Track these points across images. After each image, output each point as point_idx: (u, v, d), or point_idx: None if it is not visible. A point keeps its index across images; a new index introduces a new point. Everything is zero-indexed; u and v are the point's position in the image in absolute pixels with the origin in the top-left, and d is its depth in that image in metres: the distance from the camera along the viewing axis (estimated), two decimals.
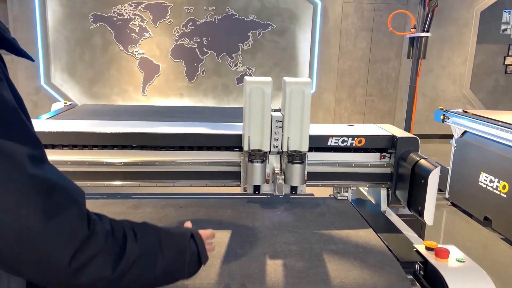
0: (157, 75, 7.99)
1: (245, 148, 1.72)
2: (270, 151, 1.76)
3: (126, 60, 7.88)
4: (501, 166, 4.01)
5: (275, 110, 1.85)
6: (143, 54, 7.88)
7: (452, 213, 4.67)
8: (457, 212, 4.67)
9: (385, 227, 1.72)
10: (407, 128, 3.99)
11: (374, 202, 2.00)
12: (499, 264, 3.57)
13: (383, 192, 1.92)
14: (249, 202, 1.88)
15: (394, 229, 1.70)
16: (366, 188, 2.13)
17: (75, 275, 0.73)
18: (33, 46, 7.58)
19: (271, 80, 1.69)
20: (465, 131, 4.60)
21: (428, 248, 1.47)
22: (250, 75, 8.20)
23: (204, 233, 1.09)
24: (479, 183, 4.28)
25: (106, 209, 1.73)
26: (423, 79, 8.36)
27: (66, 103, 4.52)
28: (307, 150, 1.74)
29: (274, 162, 1.79)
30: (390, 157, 1.87)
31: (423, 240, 1.90)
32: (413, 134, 1.90)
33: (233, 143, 1.81)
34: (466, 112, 4.70)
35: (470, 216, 4.51)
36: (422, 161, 1.67)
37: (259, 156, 1.67)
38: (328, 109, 8.48)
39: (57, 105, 4.48)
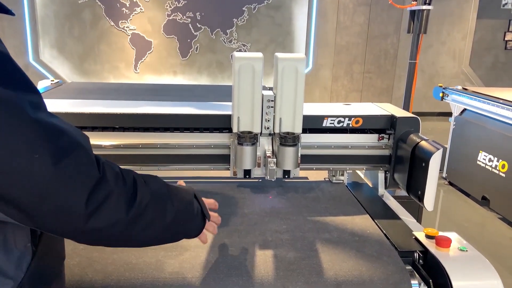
0: (149, 52, 7.78)
1: (234, 129, 1.60)
2: (261, 133, 1.64)
3: (117, 36, 7.65)
4: (500, 145, 3.92)
5: (269, 89, 1.73)
6: (135, 29, 7.65)
7: (450, 192, 4.61)
8: (455, 191, 4.61)
9: (382, 212, 1.63)
10: (406, 107, 3.88)
11: (371, 186, 1.91)
12: (496, 245, 3.52)
13: (381, 175, 1.82)
14: (239, 186, 1.78)
15: (392, 215, 1.61)
16: (363, 171, 2.03)
17: (91, 218, 0.72)
18: (20, 21, 7.33)
19: (262, 56, 1.56)
20: (464, 109, 4.49)
21: (429, 236, 1.38)
22: (245, 51, 8.00)
23: (205, 200, 1.10)
24: (478, 162, 4.20)
25: None
26: (422, 56, 8.18)
27: (53, 81, 4.37)
28: (300, 131, 1.62)
29: (265, 145, 1.69)
30: (388, 138, 1.76)
31: (422, 225, 1.81)
32: (411, 113, 1.79)
33: (222, 124, 1.69)
34: (466, 89, 4.58)
35: (468, 195, 4.45)
36: (423, 143, 1.56)
37: (249, 138, 1.56)
38: (324, 87, 8.33)
39: (44, 83, 4.33)
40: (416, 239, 1.40)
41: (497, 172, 3.94)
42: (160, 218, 0.86)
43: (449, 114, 4.74)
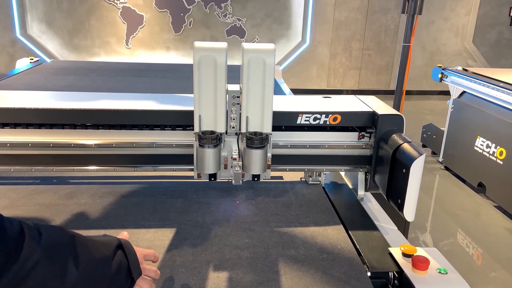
0: (141, 27, 7.51)
1: (196, 129, 1.44)
2: (226, 132, 1.48)
3: (107, 9, 7.36)
4: (499, 131, 3.74)
5: None
6: (125, 3, 7.35)
7: (445, 177, 4.47)
8: (450, 176, 4.47)
9: (359, 221, 1.48)
10: (399, 90, 3.68)
11: (351, 187, 1.75)
12: (490, 236, 3.40)
13: (361, 176, 1.66)
14: (205, 188, 1.63)
15: (369, 225, 1.46)
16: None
17: None
18: None
19: (226, 47, 1.38)
20: (464, 92, 4.29)
21: (405, 255, 1.24)
22: (240, 26, 7.72)
23: (141, 250, 0.93)
24: (475, 147, 4.04)
25: (34, 199, 1.48)
26: (424, 32, 7.88)
27: (32, 59, 4.17)
28: (270, 131, 1.46)
29: (232, 144, 1.52)
30: (370, 137, 1.60)
31: (405, 232, 1.67)
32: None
33: (186, 121, 1.52)
34: (466, 70, 4.36)
35: (464, 181, 4.31)
36: (405, 146, 1.39)
37: (211, 139, 1.40)
38: (322, 64, 8.08)
39: (22, 62, 4.14)
40: (392, 257, 1.26)
41: (494, 159, 3.78)
42: (56, 279, 0.70)
43: (450, 93, 4.53)
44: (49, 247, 0.70)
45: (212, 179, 1.53)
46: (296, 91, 3.80)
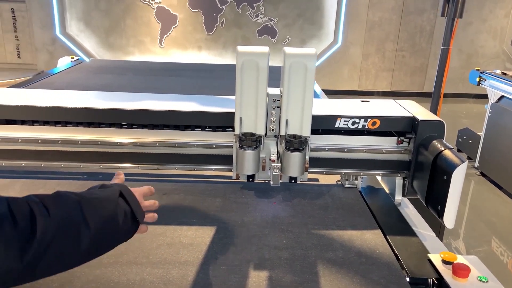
0: (174, 26, 7.65)
1: (236, 131, 1.47)
2: (266, 135, 1.51)
3: (142, 9, 7.54)
4: None
5: None
6: (160, 3, 7.51)
7: (481, 183, 4.36)
8: (486, 183, 4.35)
9: (396, 227, 1.48)
10: (437, 94, 3.60)
11: (388, 191, 1.75)
12: None
13: (399, 181, 1.65)
14: (243, 188, 1.66)
15: (407, 231, 1.46)
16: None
17: None
18: None
19: (268, 51, 1.41)
20: (502, 96, 4.17)
21: (445, 262, 1.23)
22: (271, 26, 7.74)
23: (138, 190, 1.00)
24: None
25: None
26: (461, 34, 7.67)
27: (73, 58, 4.33)
28: (308, 134, 1.48)
29: (271, 146, 1.55)
30: (409, 143, 1.59)
31: (439, 238, 1.66)
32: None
33: (226, 122, 1.56)
34: (505, 74, 4.23)
35: (500, 188, 4.18)
36: (447, 153, 1.38)
37: (251, 142, 1.43)
38: (354, 65, 8.00)
39: (64, 60, 4.30)
40: (431, 263, 1.25)
41: None
42: (72, 248, 0.76)
43: (487, 96, 4.41)
44: (61, 219, 0.75)
45: (250, 180, 1.56)
46: (326, 92, 3.79)
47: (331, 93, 7.64)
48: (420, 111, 1.61)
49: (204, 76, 3.67)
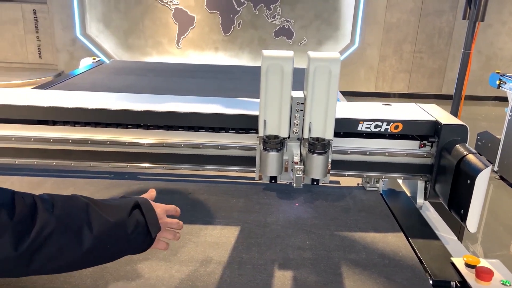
0: (191, 27, 7.72)
1: (260, 133, 1.50)
2: (289, 137, 1.53)
3: (160, 11, 7.63)
4: None
5: None
6: (178, 4, 7.59)
7: (500, 187, 4.31)
8: (505, 187, 4.30)
9: (419, 230, 1.49)
10: (457, 98, 3.58)
11: (409, 194, 1.76)
12: None
13: (421, 185, 1.66)
14: (265, 189, 1.69)
15: (430, 234, 1.47)
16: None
17: None
18: None
19: (293, 56, 1.43)
20: None
21: (469, 265, 1.24)
22: (288, 27, 7.76)
23: (162, 206, 1.01)
24: None
25: (110, 192, 1.60)
26: (480, 36, 7.57)
27: (95, 59, 4.42)
28: (331, 138, 1.50)
29: (293, 149, 1.57)
30: (431, 146, 1.60)
31: (462, 241, 1.66)
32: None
33: (249, 124, 1.60)
34: None
35: None
36: (470, 157, 1.39)
37: (274, 144, 1.45)
38: (371, 66, 7.96)
39: (85, 61, 4.39)
40: (454, 267, 1.26)
41: None
42: (72, 246, 0.78)
43: (507, 99, 4.36)
44: (62, 216, 0.78)
45: (273, 181, 1.59)
46: (343, 93, 3.79)
47: (347, 94, 7.62)
48: (442, 115, 1.62)
49: (222, 78, 3.72)
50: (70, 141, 1.58)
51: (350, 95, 7.73)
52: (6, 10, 7.68)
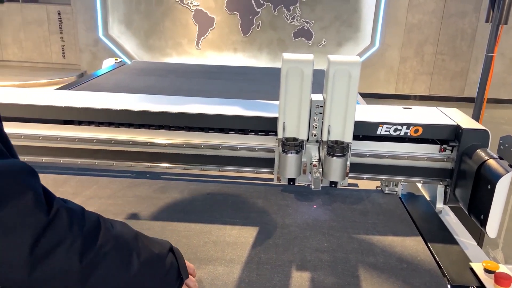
0: (211, 28, 7.79)
1: (279, 135, 1.52)
2: (308, 140, 1.55)
3: (180, 12, 7.72)
4: None
5: None
6: (198, 6, 7.67)
7: None
8: None
9: (438, 234, 1.48)
10: (479, 101, 3.52)
11: (428, 199, 1.75)
12: None
13: (440, 189, 1.65)
14: (283, 191, 1.71)
15: (449, 238, 1.46)
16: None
17: (37, 268, 0.66)
18: None
19: (313, 59, 1.45)
20: None
21: (487, 271, 1.23)
22: (307, 29, 7.75)
23: (186, 262, 1.04)
24: None
25: (132, 191, 1.64)
26: (503, 38, 7.41)
27: (117, 60, 4.51)
28: (350, 141, 1.51)
29: (312, 151, 1.59)
30: (452, 151, 1.59)
31: (482, 247, 1.65)
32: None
33: (268, 126, 1.62)
34: None
35: None
36: (491, 162, 1.38)
37: (293, 146, 1.47)
38: (391, 68, 7.89)
39: (108, 62, 4.48)
40: (473, 272, 1.26)
41: None
42: (122, 269, 0.79)
43: None
44: (120, 239, 0.80)
45: (291, 183, 1.61)
46: (363, 95, 3.77)
47: (366, 96, 7.56)
48: (464, 120, 1.61)
49: (242, 79, 3.75)
50: (95, 140, 1.63)
51: (369, 97, 7.68)
52: (32, 11, 7.90)
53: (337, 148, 1.46)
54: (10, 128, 1.65)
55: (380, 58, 7.84)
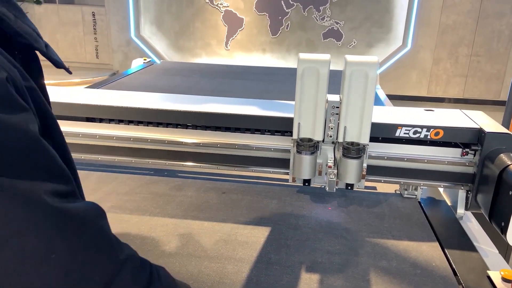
0: (240, 29, 7.83)
1: (294, 136, 1.51)
2: (323, 140, 1.53)
3: (210, 13, 7.81)
4: None
5: None
6: (228, 6, 7.73)
7: None
8: None
9: (456, 240, 1.43)
10: (510, 106, 3.37)
11: (450, 204, 1.69)
12: None
13: (462, 194, 1.60)
14: (298, 192, 1.69)
15: (467, 245, 1.41)
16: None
17: None
18: None
19: (329, 59, 1.43)
20: None
21: (505, 280, 1.18)
22: (337, 29, 7.67)
23: None
24: None
25: (149, 188, 1.67)
26: None
27: (146, 59, 4.61)
28: (367, 142, 1.48)
29: (328, 152, 1.57)
30: (474, 155, 1.53)
31: (506, 256, 1.58)
32: None
33: (284, 127, 1.61)
34: None
35: None
36: None
37: (308, 147, 1.46)
38: (423, 70, 7.69)
39: (137, 62, 4.59)
40: (490, 280, 1.21)
41: None
42: None
43: None
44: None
45: (306, 184, 1.60)
46: (392, 97, 3.68)
47: (397, 98, 7.41)
48: (488, 123, 1.55)
49: (267, 80, 3.75)
50: (114, 138, 1.67)
51: (400, 99, 7.52)
52: (68, 13, 8.19)
53: (352, 150, 1.44)
54: None
55: (412, 60, 7.66)
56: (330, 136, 1.52)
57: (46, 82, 0.81)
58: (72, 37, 8.30)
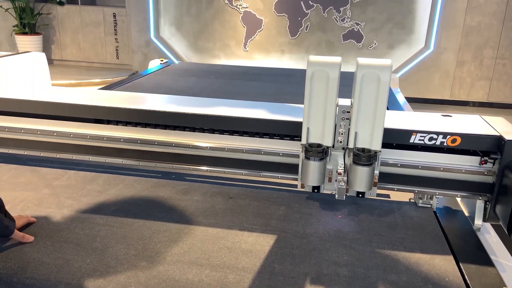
0: (259, 30, 7.79)
1: (303, 141, 1.46)
2: (333, 146, 1.47)
3: (230, 14, 7.79)
4: None
5: None
6: (247, 7, 7.70)
7: None
8: None
9: (472, 253, 1.36)
10: None
11: (467, 214, 1.61)
12: None
13: (480, 205, 1.52)
14: (308, 199, 1.64)
15: (484, 259, 1.33)
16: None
17: None
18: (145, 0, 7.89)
19: (340, 62, 1.38)
20: None
21: None
22: (358, 31, 7.54)
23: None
24: None
25: (155, 192, 1.65)
26: None
27: (162, 60, 4.62)
28: (379, 149, 1.42)
29: (339, 158, 1.51)
30: (493, 164, 1.45)
31: None
32: None
33: (294, 131, 1.56)
34: None
35: None
36: None
37: (316, 153, 1.41)
38: (446, 72, 7.48)
39: (154, 62, 4.60)
40: None
41: None
42: None
43: None
44: None
45: (316, 191, 1.54)
46: (413, 100, 3.58)
47: (418, 101, 7.23)
48: (508, 130, 1.46)
49: (282, 81, 3.70)
50: (121, 139, 1.65)
51: (422, 102, 7.34)
52: (90, 13, 8.31)
53: (363, 157, 1.38)
54: (44, 125, 1.71)
55: (435, 62, 7.46)
56: (340, 142, 1.46)
57: (67, 82, 0.81)
58: (93, 38, 8.42)
